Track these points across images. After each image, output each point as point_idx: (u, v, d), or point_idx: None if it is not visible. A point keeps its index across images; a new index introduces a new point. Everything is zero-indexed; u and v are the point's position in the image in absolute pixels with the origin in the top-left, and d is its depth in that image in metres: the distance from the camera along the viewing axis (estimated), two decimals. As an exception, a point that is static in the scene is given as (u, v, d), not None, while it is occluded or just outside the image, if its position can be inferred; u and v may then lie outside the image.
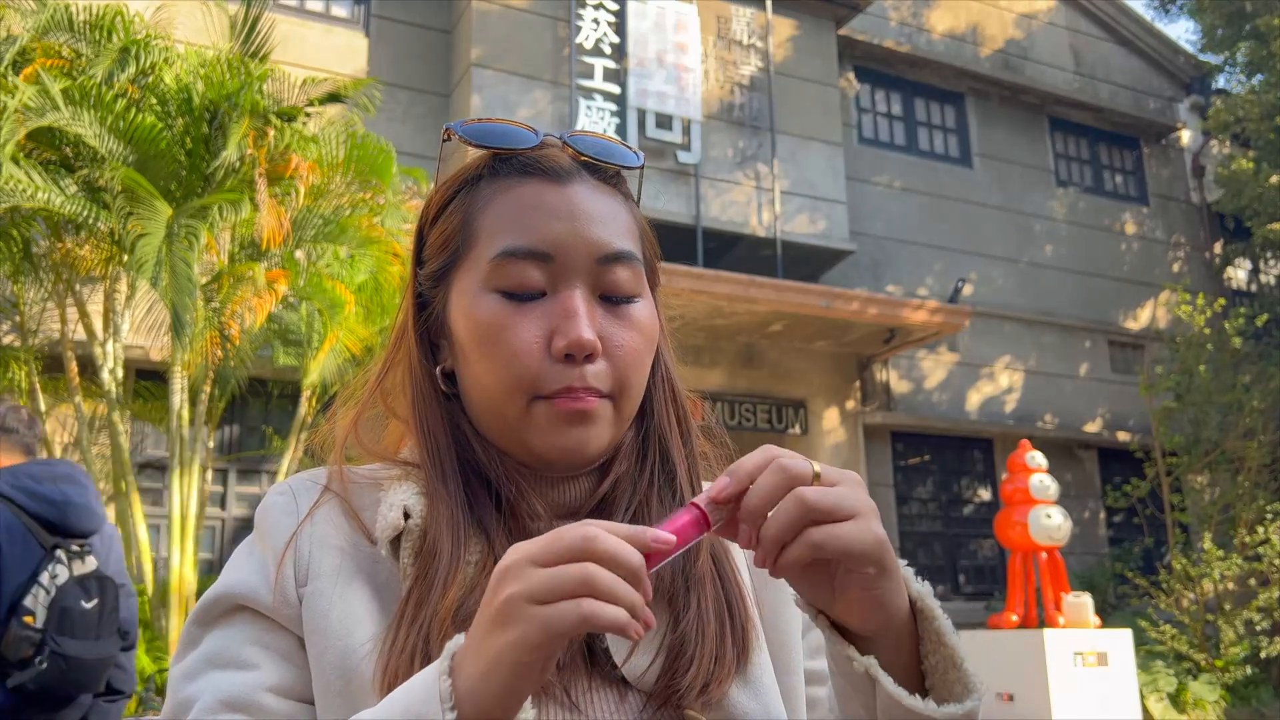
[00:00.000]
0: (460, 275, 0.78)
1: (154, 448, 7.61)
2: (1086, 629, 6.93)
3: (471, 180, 0.81)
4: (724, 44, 9.98)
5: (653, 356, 0.81)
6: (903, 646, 0.67)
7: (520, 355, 0.73)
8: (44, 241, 6.21)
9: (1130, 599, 10.22)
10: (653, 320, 0.80)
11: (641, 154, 0.84)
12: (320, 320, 6.30)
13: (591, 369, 0.74)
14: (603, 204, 0.78)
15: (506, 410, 0.75)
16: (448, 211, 0.81)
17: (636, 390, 0.78)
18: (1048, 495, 7.29)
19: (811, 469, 0.63)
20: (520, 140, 0.79)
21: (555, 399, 0.73)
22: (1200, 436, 10.10)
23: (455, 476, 0.76)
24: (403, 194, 6.86)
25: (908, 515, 10.68)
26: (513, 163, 0.79)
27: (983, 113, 12.29)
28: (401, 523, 0.73)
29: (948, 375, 11.10)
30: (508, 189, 0.78)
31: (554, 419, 0.73)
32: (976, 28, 12.62)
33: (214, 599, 0.76)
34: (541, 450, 0.75)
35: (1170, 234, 13.36)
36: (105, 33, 5.98)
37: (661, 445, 0.82)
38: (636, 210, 0.85)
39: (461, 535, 0.73)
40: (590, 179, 0.79)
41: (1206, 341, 10.22)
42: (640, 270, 0.79)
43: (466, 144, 0.80)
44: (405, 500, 0.75)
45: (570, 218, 0.76)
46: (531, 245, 0.75)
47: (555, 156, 0.79)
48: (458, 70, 9.25)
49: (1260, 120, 11.21)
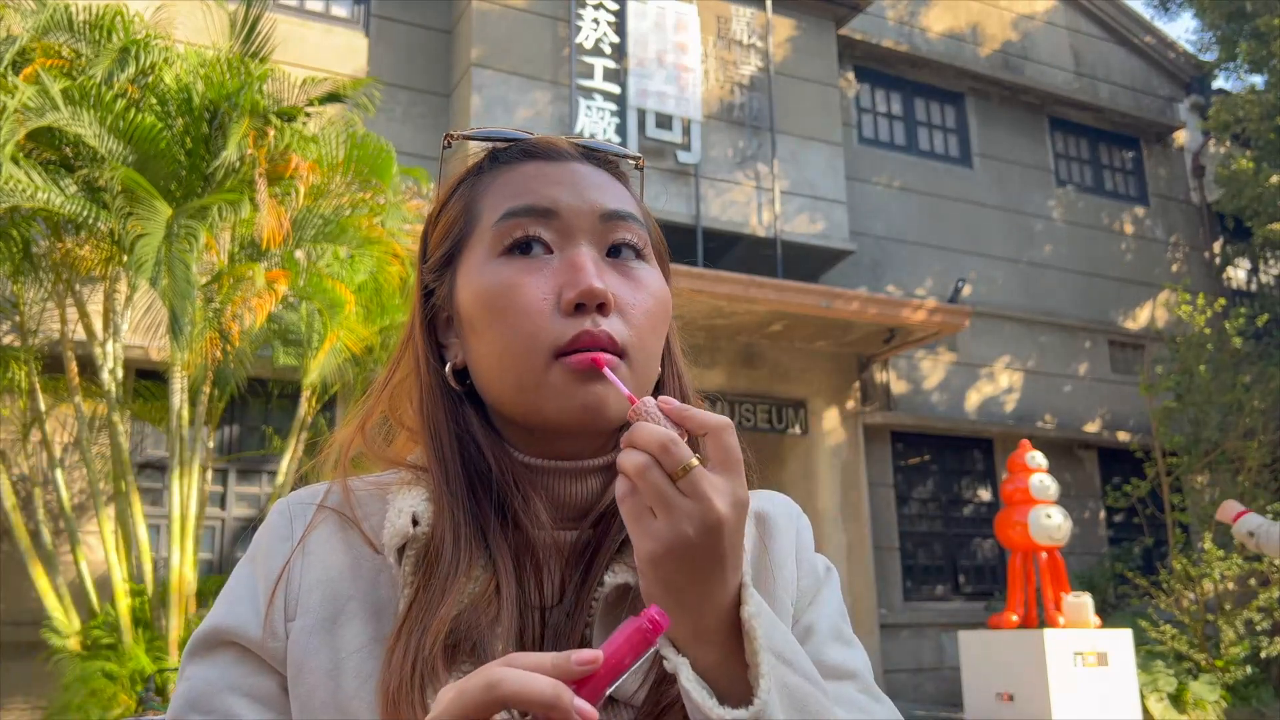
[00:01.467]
0: (465, 256, 0.78)
1: (154, 448, 7.61)
2: (1087, 629, 6.93)
3: (472, 173, 0.82)
4: (724, 44, 9.98)
5: (665, 328, 0.79)
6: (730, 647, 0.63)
7: (530, 313, 0.72)
8: (44, 241, 6.20)
9: (1130, 599, 10.22)
10: (664, 289, 0.79)
11: (638, 154, 0.85)
12: (320, 320, 6.30)
13: (604, 320, 0.72)
14: (602, 177, 0.79)
15: (522, 375, 0.72)
16: (449, 205, 0.82)
17: (651, 354, 0.76)
18: (1048, 495, 7.30)
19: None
20: (519, 135, 0.82)
21: (569, 357, 0.71)
22: (1200, 436, 10.09)
23: (460, 480, 0.74)
24: (403, 194, 6.86)
25: (908, 515, 10.67)
26: (512, 150, 0.81)
27: (983, 113, 12.29)
28: (410, 529, 0.71)
29: (947, 375, 11.10)
30: (508, 170, 0.79)
31: (570, 378, 0.71)
32: (976, 28, 12.62)
33: (204, 634, 0.74)
34: (557, 415, 0.72)
35: (1170, 234, 13.36)
36: (105, 33, 5.98)
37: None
38: (638, 197, 0.85)
39: (465, 546, 0.71)
40: (589, 162, 0.81)
41: (1206, 341, 10.21)
42: (645, 237, 0.79)
43: (468, 139, 0.81)
44: (414, 506, 0.73)
45: (571, 183, 0.77)
46: (533, 203, 0.75)
47: (554, 142, 0.81)
48: (458, 70, 9.25)
49: (1260, 120, 11.20)
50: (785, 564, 0.83)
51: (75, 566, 6.36)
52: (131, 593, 6.14)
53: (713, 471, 0.62)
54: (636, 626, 0.56)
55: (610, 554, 0.74)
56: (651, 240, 0.81)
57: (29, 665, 6.64)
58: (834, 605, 0.84)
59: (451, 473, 0.74)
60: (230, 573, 0.86)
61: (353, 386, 6.81)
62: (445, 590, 0.68)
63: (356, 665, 0.70)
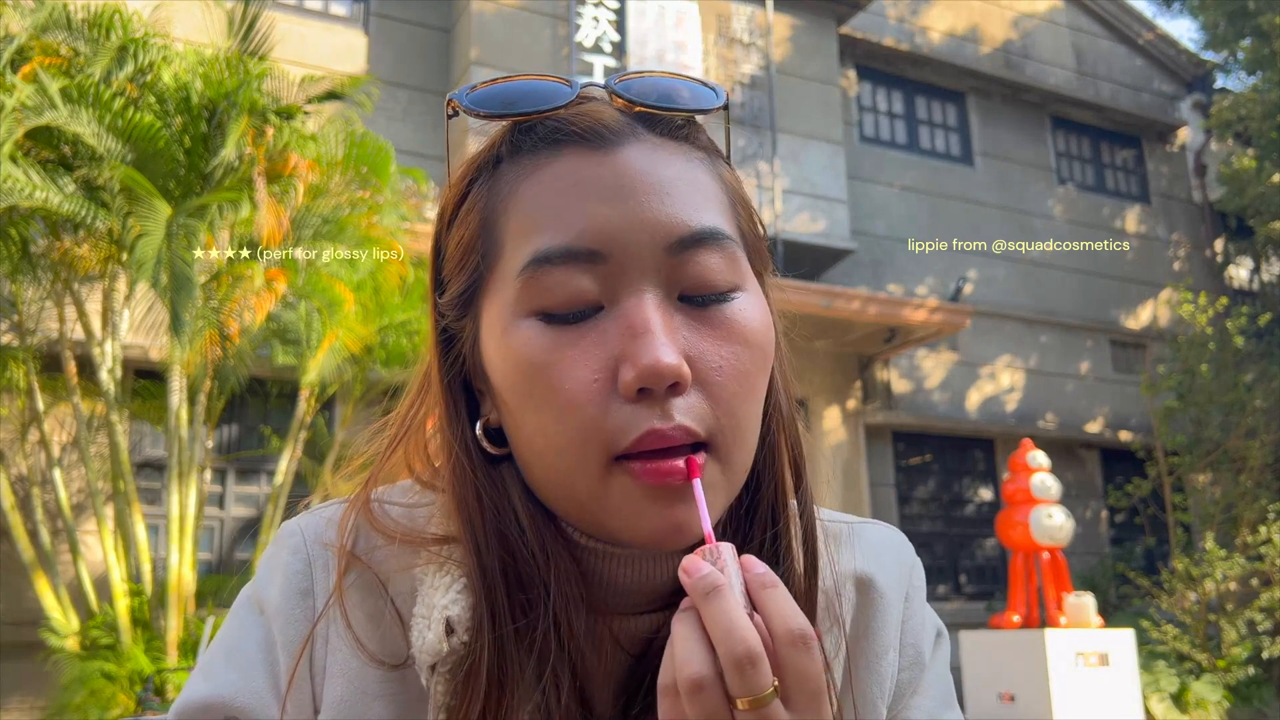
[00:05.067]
0: (488, 299, 0.59)
1: (152, 448, 7.60)
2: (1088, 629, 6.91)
3: (489, 164, 0.61)
4: (724, 42, 9.96)
5: (765, 381, 0.59)
6: None
7: (577, 402, 0.53)
8: (42, 240, 6.19)
9: (1132, 599, 10.20)
10: (763, 323, 0.59)
11: (723, 90, 0.61)
12: (319, 319, 6.29)
13: (680, 403, 0.53)
14: (670, 167, 0.57)
15: (575, 483, 0.55)
16: (462, 214, 0.61)
17: (748, 428, 0.57)
18: (1049, 495, 7.27)
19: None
20: (547, 97, 0.58)
21: (636, 463, 0.53)
22: (1202, 436, 10.07)
23: (497, 573, 0.58)
24: (401, 193, 6.85)
25: (909, 515, 10.65)
26: (538, 130, 0.58)
27: (984, 111, 12.27)
28: (444, 647, 0.56)
29: (948, 375, 11.08)
30: (535, 169, 0.57)
31: (637, 494, 0.54)
32: (978, 26, 12.60)
33: (202, 703, 0.60)
34: (625, 537, 0.56)
35: (1172, 233, 13.34)
36: (103, 31, 5.96)
37: (772, 512, 0.62)
38: (725, 170, 0.62)
39: (510, 662, 0.56)
40: (650, 135, 0.58)
41: (1208, 341, 10.19)
42: (736, 252, 0.58)
43: (474, 115, 0.59)
44: (447, 608, 0.57)
45: (622, 195, 0.55)
46: (570, 243, 0.54)
47: (597, 113, 0.58)
48: (457, 69, 9.23)
49: (1262, 119, 11.17)
50: (886, 653, 0.68)
51: (74, 567, 6.35)
52: (130, 593, 6.12)
53: (788, 710, 0.47)
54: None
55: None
56: (744, 243, 0.61)
57: (27, 665, 6.62)
58: (937, 691, 0.70)
59: (489, 566, 0.58)
60: (228, 607, 0.68)
61: (351, 386, 6.80)
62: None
63: None
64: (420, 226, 6.94)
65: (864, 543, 0.69)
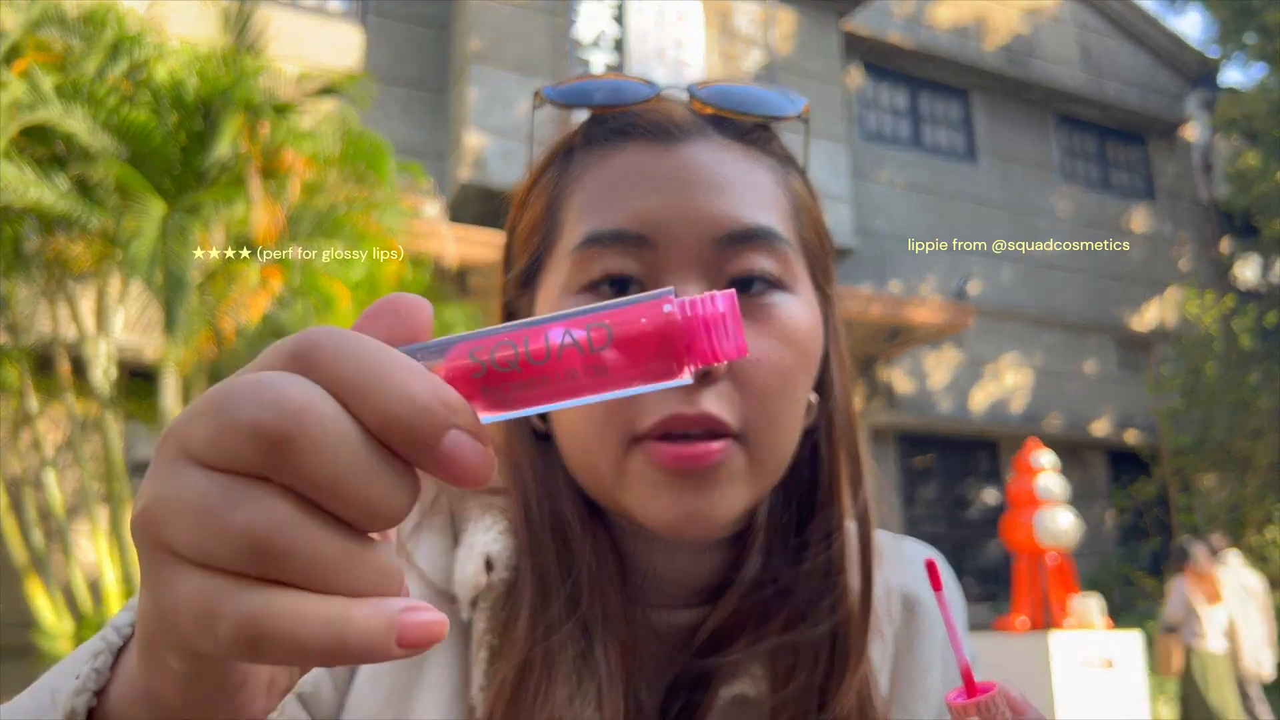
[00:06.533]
0: (545, 279, 0.61)
1: (146, 448, 7.54)
2: (1094, 631, 6.85)
3: (563, 154, 0.64)
4: (726, 38, 9.88)
5: (808, 383, 0.59)
6: None
7: None
8: (35, 239, 6.15)
9: (1137, 601, 10.13)
10: (809, 325, 0.59)
11: (801, 101, 0.63)
12: (315, 317, 6.24)
13: (710, 392, 0.54)
14: (731, 166, 0.59)
15: (597, 462, 0.56)
16: (532, 198, 0.65)
17: (781, 425, 0.57)
18: (1054, 496, 7.21)
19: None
20: (625, 94, 0.61)
21: (654, 444, 0.54)
22: (1208, 436, 10.00)
23: (545, 523, 0.59)
24: (398, 190, 6.80)
25: (913, 517, 10.59)
26: (610, 123, 0.61)
27: (988, 108, 12.19)
28: (481, 580, 0.58)
29: (953, 375, 11.00)
30: (602, 158, 0.60)
31: (656, 475, 0.54)
32: (982, 22, 12.52)
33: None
34: (640, 519, 0.56)
35: (1177, 231, 13.26)
36: (98, 27, 5.93)
37: (828, 528, 0.63)
38: (796, 180, 0.64)
39: (550, 612, 0.57)
40: (717, 136, 0.60)
41: (1214, 340, 10.12)
42: (789, 256, 0.59)
43: (555, 105, 0.62)
44: (488, 545, 0.59)
45: (677, 186, 0.57)
46: (621, 226, 0.57)
47: (667, 110, 0.61)
48: (455, 65, 9.16)
49: (1268, 116, 11.10)
50: (931, 670, 0.68)
51: (67, 569, 6.31)
52: (124, 595, 6.07)
53: None
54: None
55: (727, 653, 0.60)
56: (805, 248, 0.62)
57: (20, 668, 6.57)
58: None
59: (535, 517, 0.60)
60: None
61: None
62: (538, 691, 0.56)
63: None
64: (417, 224, 6.88)
65: (905, 560, 0.72)
